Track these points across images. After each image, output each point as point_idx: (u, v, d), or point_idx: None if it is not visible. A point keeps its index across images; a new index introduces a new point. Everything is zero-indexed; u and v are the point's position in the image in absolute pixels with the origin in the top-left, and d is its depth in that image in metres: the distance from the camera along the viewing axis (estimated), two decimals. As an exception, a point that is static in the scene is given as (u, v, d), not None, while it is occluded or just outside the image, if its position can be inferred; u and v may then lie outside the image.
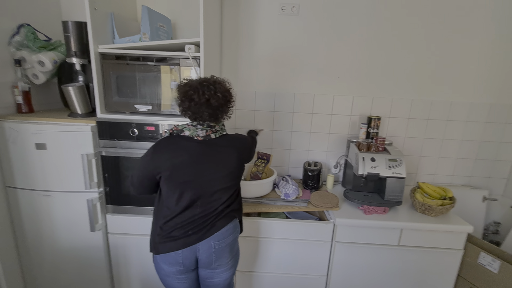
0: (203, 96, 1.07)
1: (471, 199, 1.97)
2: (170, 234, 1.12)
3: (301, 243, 1.57)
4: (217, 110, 1.11)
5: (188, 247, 1.12)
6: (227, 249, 1.19)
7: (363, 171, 1.59)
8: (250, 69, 1.89)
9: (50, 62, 1.53)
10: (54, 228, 1.59)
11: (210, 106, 1.09)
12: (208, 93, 1.07)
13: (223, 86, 1.14)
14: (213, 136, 1.13)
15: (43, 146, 1.46)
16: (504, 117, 1.92)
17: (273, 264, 1.62)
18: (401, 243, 1.55)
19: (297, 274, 1.63)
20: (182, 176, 1.09)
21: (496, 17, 1.76)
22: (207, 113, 1.09)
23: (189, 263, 1.15)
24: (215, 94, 1.08)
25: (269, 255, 1.61)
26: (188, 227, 1.12)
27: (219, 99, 1.09)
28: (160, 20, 1.57)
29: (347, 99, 1.93)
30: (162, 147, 1.11)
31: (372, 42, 1.83)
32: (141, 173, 1.13)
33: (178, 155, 1.09)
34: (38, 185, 1.52)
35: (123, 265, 1.67)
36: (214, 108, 1.10)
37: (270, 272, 1.64)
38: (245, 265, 1.63)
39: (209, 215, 1.14)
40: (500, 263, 1.48)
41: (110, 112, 1.51)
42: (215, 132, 1.14)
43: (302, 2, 1.77)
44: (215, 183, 1.13)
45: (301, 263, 1.61)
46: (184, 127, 1.12)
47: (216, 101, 1.08)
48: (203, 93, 1.07)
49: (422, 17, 1.78)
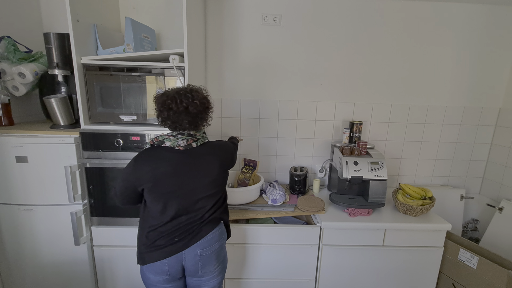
0: (181, 104, 1.07)
1: (450, 198, 2.06)
2: (155, 243, 1.11)
3: (289, 247, 1.59)
4: (196, 117, 1.12)
5: (173, 255, 1.11)
6: (214, 256, 1.19)
7: (347, 174, 1.64)
8: (235, 77, 1.93)
9: (31, 74, 1.52)
10: (37, 243, 1.54)
11: (189, 114, 1.09)
12: (186, 101, 1.08)
13: (200, 93, 1.15)
14: (195, 144, 1.14)
15: (24, 159, 1.43)
16: (476, 119, 2.04)
17: (262, 270, 1.63)
18: (385, 243, 1.60)
19: (286, 279, 1.64)
20: (165, 187, 1.09)
21: (464, 29, 1.88)
22: (186, 121, 1.10)
23: (175, 272, 1.14)
24: (193, 102, 1.09)
25: (258, 261, 1.62)
26: (174, 235, 1.12)
27: (197, 106, 1.10)
28: (144, 31, 1.58)
29: (330, 105, 1.99)
30: (143, 159, 1.11)
31: (352, 51, 1.91)
32: (123, 184, 1.12)
33: (159, 166, 1.09)
34: (18, 199, 1.48)
35: (109, 278, 1.64)
36: (193, 115, 1.10)
37: (259, 278, 1.64)
38: (233, 272, 1.63)
39: (195, 222, 1.14)
40: (478, 259, 1.55)
41: (94, 123, 1.50)
42: (196, 141, 1.14)
43: (284, 13, 1.84)
44: (199, 191, 1.14)
45: (289, 268, 1.63)
46: (165, 138, 1.12)
47: (194, 108, 1.09)
48: (180, 101, 1.08)
49: (399, 29, 1.87)
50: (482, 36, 1.90)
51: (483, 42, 1.91)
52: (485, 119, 2.04)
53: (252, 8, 1.83)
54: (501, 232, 1.84)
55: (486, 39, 1.91)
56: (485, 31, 1.89)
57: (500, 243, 1.81)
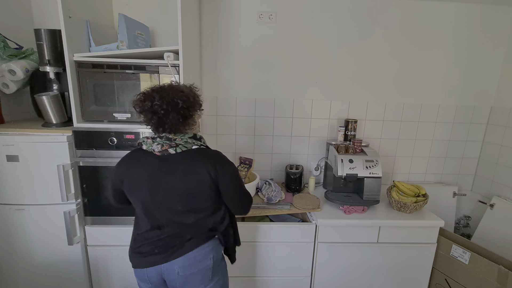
0: (158, 104, 0.97)
1: (443, 195, 2.09)
2: (139, 249, 1.07)
3: (285, 245, 1.60)
4: (168, 118, 0.98)
5: (152, 266, 1.05)
6: (198, 277, 1.06)
7: (342, 172, 1.65)
8: (230, 75, 1.92)
9: (22, 71, 1.48)
10: (29, 243, 1.52)
11: (167, 113, 0.98)
12: (166, 99, 0.98)
13: (182, 90, 1.02)
14: (172, 151, 1.00)
15: (15, 158, 1.40)
16: (468, 118, 2.07)
17: (258, 267, 1.63)
18: (380, 240, 1.62)
19: (282, 276, 1.65)
20: (138, 192, 1.03)
21: (456, 28, 1.91)
22: (163, 122, 0.99)
23: (157, 282, 1.08)
24: (173, 100, 0.98)
25: (254, 258, 1.62)
26: (156, 245, 1.05)
27: (175, 105, 0.98)
28: (138, 27, 1.56)
29: (325, 103, 2.00)
30: (124, 160, 1.07)
31: (346, 49, 1.91)
32: (110, 182, 1.11)
33: (134, 169, 1.03)
34: (10, 199, 1.45)
35: (103, 278, 1.62)
36: (165, 116, 0.98)
37: (255, 276, 1.65)
38: (229, 270, 1.62)
39: (177, 237, 1.05)
40: (470, 254, 1.58)
41: (88, 121, 1.48)
42: (175, 146, 1.01)
43: (279, 11, 1.83)
44: (177, 204, 1.02)
45: (285, 265, 1.64)
46: (143, 141, 1.04)
47: (162, 108, 0.97)
48: (160, 98, 0.97)
49: (393, 29, 1.89)
50: (473, 35, 1.93)
51: (475, 41, 1.94)
52: (477, 117, 2.07)
53: (248, 5, 1.82)
54: (492, 228, 1.88)
55: (478, 38, 1.93)
56: (476, 30, 1.92)
57: (491, 239, 1.85)
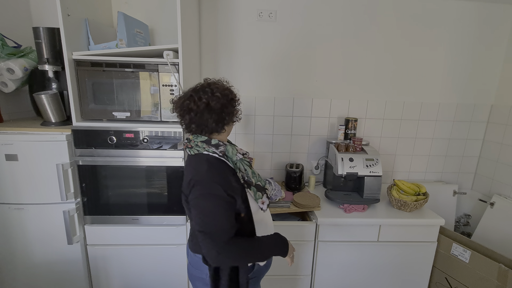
0: (200, 101, 0.94)
1: (443, 193, 2.09)
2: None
3: (285, 244, 1.60)
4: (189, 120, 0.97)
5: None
6: (197, 284, 1.06)
7: (342, 171, 1.65)
8: (230, 74, 1.91)
9: (20, 70, 1.47)
10: (28, 243, 1.51)
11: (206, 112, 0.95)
12: (205, 96, 0.96)
13: (220, 86, 1.00)
14: (188, 152, 1.00)
15: (14, 157, 1.40)
16: (469, 116, 2.06)
17: (258, 266, 1.63)
18: (380, 239, 1.62)
19: (282, 275, 1.65)
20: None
21: (456, 26, 1.90)
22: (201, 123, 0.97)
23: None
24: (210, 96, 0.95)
25: (254, 258, 1.62)
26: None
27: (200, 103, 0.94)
28: (137, 26, 1.55)
29: (325, 101, 1.99)
30: None
31: (346, 48, 1.90)
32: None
33: None
34: (9, 198, 1.45)
35: (103, 277, 1.62)
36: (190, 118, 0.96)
37: (256, 275, 1.65)
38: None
39: (192, 234, 1.06)
40: (471, 253, 1.58)
41: (87, 120, 1.48)
42: (190, 148, 0.99)
43: (279, 9, 1.82)
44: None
45: (285, 264, 1.63)
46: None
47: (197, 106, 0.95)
48: (199, 99, 0.95)
49: (393, 27, 1.88)
50: (474, 33, 1.92)
51: (475, 39, 1.93)
52: (478, 115, 2.06)
53: (247, 3, 1.81)
54: (493, 226, 1.87)
55: (478, 36, 1.93)
56: (477, 28, 1.91)
57: (491, 237, 1.85)
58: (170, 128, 1.47)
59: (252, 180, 1.01)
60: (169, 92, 1.45)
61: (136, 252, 1.58)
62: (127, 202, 1.53)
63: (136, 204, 1.53)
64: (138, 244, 1.58)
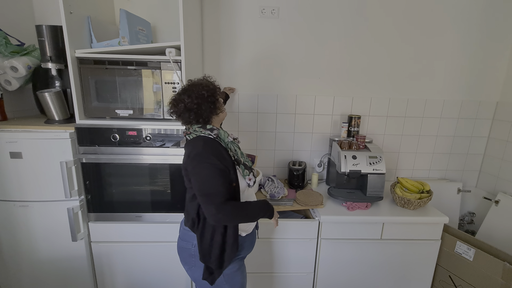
0: (190, 101, 1.09)
1: (447, 191, 2.07)
2: None
3: (288, 241, 1.60)
4: (201, 110, 1.10)
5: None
6: (183, 254, 1.23)
7: (345, 168, 1.64)
8: (233, 71, 1.90)
9: (24, 68, 1.48)
10: (33, 240, 1.53)
11: (195, 109, 1.09)
12: (191, 98, 1.09)
13: (201, 83, 1.12)
14: (188, 137, 1.14)
15: (19, 155, 1.41)
16: (474, 113, 2.04)
17: (261, 263, 1.63)
18: (383, 237, 1.61)
19: (285, 272, 1.65)
20: None
21: (463, 22, 1.87)
22: (200, 114, 1.10)
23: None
24: (199, 93, 1.08)
25: (256, 255, 1.62)
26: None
27: (201, 98, 1.09)
28: (140, 23, 1.55)
29: (328, 99, 1.98)
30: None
31: (350, 44, 1.89)
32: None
33: None
34: (14, 195, 1.46)
35: (108, 274, 1.63)
36: (198, 109, 1.10)
37: (258, 272, 1.65)
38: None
39: (186, 210, 1.20)
40: (475, 251, 1.57)
41: (90, 117, 1.48)
42: (189, 134, 1.14)
43: (281, 5, 1.81)
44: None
45: (288, 261, 1.64)
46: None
47: (194, 103, 1.09)
48: (188, 98, 1.09)
49: (397, 22, 1.86)
50: (479, 30, 1.89)
51: (480, 36, 1.90)
52: (483, 112, 2.04)
53: (250, 0, 1.79)
54: (497, 224, 1.86)
55: (483, 33, 1.89)
56: (482, 25, 1.88)
57: (496, 236, 1.83)
58: (172, 125, 1.47)
59: (241, 159, 1.15)
60: (171, 90, 1.44)
61: (140, 249, 1.59)
62: (131, 199, 1.54)
63: (139, 202, 1.54)
64: (142, 241, 1.59)
